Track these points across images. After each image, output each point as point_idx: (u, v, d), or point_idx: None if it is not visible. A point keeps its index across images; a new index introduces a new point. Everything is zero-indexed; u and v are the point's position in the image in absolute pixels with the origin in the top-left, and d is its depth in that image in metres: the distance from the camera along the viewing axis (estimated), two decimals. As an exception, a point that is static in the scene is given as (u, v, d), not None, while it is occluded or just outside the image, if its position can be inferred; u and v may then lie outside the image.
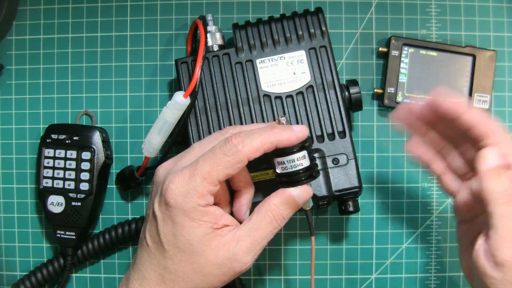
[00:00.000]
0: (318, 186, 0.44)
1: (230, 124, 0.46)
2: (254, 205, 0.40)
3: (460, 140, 0.41)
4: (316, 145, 0.45)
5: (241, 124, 0.46)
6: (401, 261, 0.52)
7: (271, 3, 0.53)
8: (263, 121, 0.46)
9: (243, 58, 0.47)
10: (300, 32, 0.47)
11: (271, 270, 0.53)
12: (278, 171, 0.38)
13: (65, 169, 0.49)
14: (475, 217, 0.40)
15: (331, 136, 0.46)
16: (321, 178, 0.44)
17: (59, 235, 0.49)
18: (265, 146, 0.37)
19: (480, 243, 0.36)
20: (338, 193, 0.44)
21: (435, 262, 0.52)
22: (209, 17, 0.49)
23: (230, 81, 0.47)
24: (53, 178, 0.49)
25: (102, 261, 0.53)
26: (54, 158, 0.49)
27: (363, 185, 0.45)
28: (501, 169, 0.36)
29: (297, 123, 0.46)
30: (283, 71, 0.47)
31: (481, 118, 0.38)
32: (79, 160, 0.49)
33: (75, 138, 0.50)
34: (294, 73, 0.47)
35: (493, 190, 0.35)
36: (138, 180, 0.51)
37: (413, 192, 0.52)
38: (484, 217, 0.37)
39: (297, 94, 0.46)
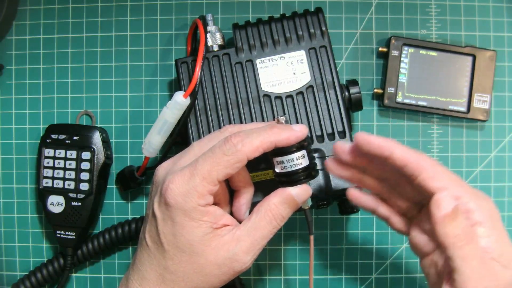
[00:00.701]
0: (318, 186, 0.44)
1: (230, 124, 0.46)
2: (253, 205, 0.40)
3: (394, 180, 0.39)
4: (316, 145, 0.45)
5: (241, 124, 0.46)
6: (401, 261, 0.52)
7: (271, 3, 0.53)
8: (263, 121, 0.46)
9: (243, 58, 0.47)
10: (300, 32, 0.47)
11: (271, 270, 0.53)
12: (277, 170, 0.38)
13: (65, 169, 0.49)
14: (434, 249, 0.39)
15: (331, 136, 0.46)
16: (321, 178, 0.44)
17: (59, 235, 0.49)
18: (265, 146, 0.36)
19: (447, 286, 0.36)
20: (338, 193, 0.44)
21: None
22: (209, 17, 0.49)
23: (230, 81, 0.47)
24: (53, 178, 0.49)
25: (102, 261, 0.53)
26: (54, 158, 0.49)
27: (363, 185, 0.45)
28: (456, 211, 0.35)
29: (297, 123, 0.46)
30: (283, 71, 0.47)
31: (411, 154, 0.36)
32: (79, 160, 0.49)
33: (75, 138, 0.50)
34: (294, 73, 0.47)
35: (451, 235, 0.34)
36: (138, 180, 0.51)
37: (413, 192, 0.52)
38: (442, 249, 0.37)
39: (297, 94, 0.46)
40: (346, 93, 0.47)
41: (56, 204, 0.49)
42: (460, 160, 0.52)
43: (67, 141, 0.50)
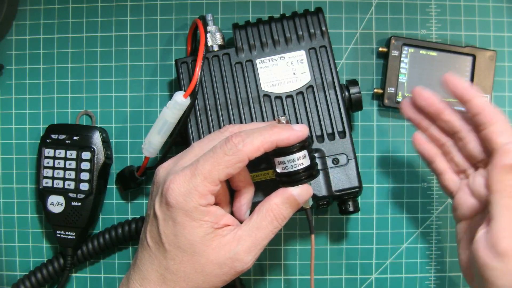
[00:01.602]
0: (318, 186, 0.44)
1: (230, 124, 0.46)
2: (254, 205, 0.40)
3: (460, 134, 0.41)
4: (316, 145, 0.45)
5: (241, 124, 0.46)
6: (401, 261, 0.52)
7: (271, 3, 0.53)
8: (263, 121, 0.46)
9: (243, 58, 0.47)
10: (300, 32, 0.47)
11: (271, 270, 0.53)
12: (278, 170, 0.38)
13: (65, 169, 0.49)
14: (474, 215, 0.40)
15: (331, 136, 0.46)
16: (321, 178, 0.44)
17: (59, 235, 0.49)
18: (266, 146, 0.37)
19: (481, 234, 0.37)
20: (338, 193, 0.44)
21: (435, 262, 0.52)
22: (209, 17, 0.49)
23: (230, 81, 0.47)
24: (53, 178, 0.49)
25: (102, 261, 0.53)
26: (54, 158, 0.49)
27: (363, 185, 0.45)
28: None
29: (297, 123, 0.46)
30: (283, 71, 0.47)
31: (489, 106, 0.39)
32: (79, 160, 0.49)
33: (75, 138, 0.50)
34: (294, 73, 0.47)
35: (504, 183, 0.36)
36: (138, 180, 0.51)
37: (413, 192, 0.52)
38: (482, 215, 0.38)
39: (297, 94, 0.46)
40: (346, 93, 0.47)
41: (56, 204, 0.49)
42: (460, 160, 0.52)
43: (67, 141, 0.50)
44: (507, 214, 0.35)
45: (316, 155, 0.44)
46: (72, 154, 0.49)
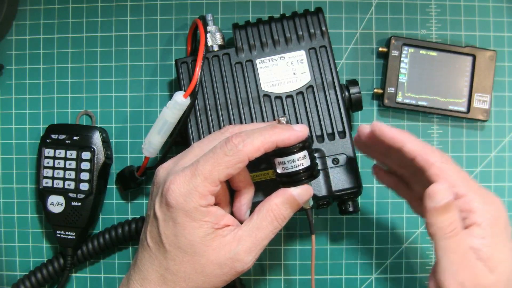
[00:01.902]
0: (318, 186, 0.44)
1: (230, 124, 0.46)
2: (254, 205, 0.40)
3: (413, 166, 0.40)
4: (316, 145, 0.45)
5: (241, 124, 0.46)
6: (401, 261, 0.52)
7: (271, 3, 0.53)
8: (263, 121, 0.46)
9: (243, 58, 0.47)
10: (300, 32, 0.47)
11: (271, 270, 0.53)
12: (278, 171, 0.38)
13: (65, 169, 0.49)
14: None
15: (331, 136, 0.46)
16: (321, 178, 0.44)
17: (59, 235, 0.49)
18: (266, 146, 0.37)
19: (430, 276, 0.38)
20: (338, 193, 0.44)
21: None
22: (209, 17, 0.49)
23: (230, 81, 0.47)
24: (53, 178, 0.49)
25: (102, 261, 0.53)
26: (54, 158, 0.49)
27: (363, 185, 0.45)
28: (449, 205, 0.36)
29: (297, 123, 0.46)
30: (283, 71, 0.47)
31: (422, 148, 0.38)
32: (79, 160, 0.49)
33: (75, 138, 0.50)
34: (294, 73, 0.47)
35: (438, 226, 0.36)
36: (138, 180, 0.51)
37: (413, 192, 0.52)
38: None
39: (297, 94, 0.46)
40: (346, 93, 0.47)
41: (56, 204, 0.49)
42: (460, 160, 0.52)
43: (67, 141, 0.50)
44: (447, 256, 0.36)
45: (316, 155, 0.44)
46: (72, 154, 0.49)
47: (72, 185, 0.49)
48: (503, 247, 0.36)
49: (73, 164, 0.49)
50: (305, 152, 0.38)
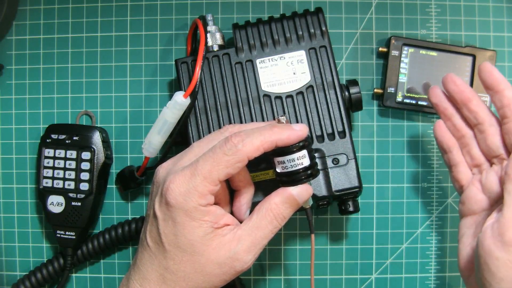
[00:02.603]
0: (318, 186, 0.44)
1: (230, 124, 0.46)
2: (254, 205, 0.40)
3: (482, 128, 0.42)
4: (316, 145, 0.45)
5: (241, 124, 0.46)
6: (401, 261, 0.52)
7: (271, 3, 0.53)
8: (263, 121, 0.46)
9: (243, 58, 0.47)
10: (300, 32, 0.47)
11: (271, 270, 0.53)
12: (278, 170, 0.38)
13: (65, 169, 0.49)
14: (481, 211, 0.41)
15: (331, 136, 0.46)
16: (321, 178, 0.44)
17: (59, 235, 0.49)
18: (266, 145, 0.37)
19: (489, 223, 0.37)
20: (338, 193, 0.44)
21: (435, 262, 0.52)
22: (209, 17, 0.49)
23: (230, 81, 0.47)
24: (53, 178, 0.49)
25: (102, 261, 0.53)
26: (54, 158, 0.49)
27: (363, 185, 0.45)
28: None
29: (297, 122, 0.46)
30: (283, 71, 0.47)
31: None
32: (79, 160, 0.49)
33: (75, 138, 0.50)
34: (294, 73, 0.47)
35: None
36: (138, 180, 0.51)
37: (413, 192, 0.52)
38: (489, 213, 0.39)
39: (297, 94, 0.46)
40: (346, 93, 0.47)
41: (56, 204, 0.49)
42: (460, 160, 0.52)
43: (67, 141, 0.50)
44: None
45: (316, 155, 0.44)
46: (72, 154, 0.49)
47: (72, 185, 0.49)
48: None
49: (73, 164, 0.49)
50: (304, 152, 0.38)
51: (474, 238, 0.40)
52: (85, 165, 0.49)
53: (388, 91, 0.51)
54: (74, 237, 0.49)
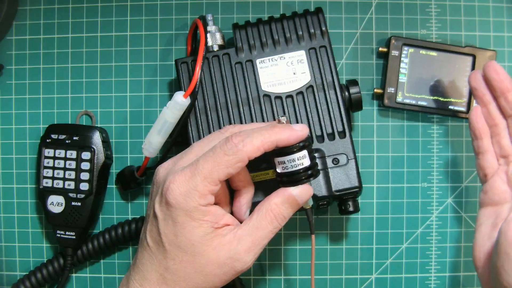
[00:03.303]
0: (318, 186, 0.44)
1: (230, 124, 0.46)
2: (254, 205, 0.40)
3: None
4: (316, 145, 0.45)
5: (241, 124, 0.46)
6: (401, 261, 0.52)
7: (271, 3, 0.53)
8: (263, 121, 0.46)
9: (243, 58, 0.47)
10: (300, 32, 0.47)
11: (271, 270, 0.53)
12: (278, 170, 0.38)
13: (65, 169, 0.49)
14: (503, 203, 0.41)
15: (331, 136, 0.46)
16: (321, 178, 0.44)
17: (59, 235, 0.49)
18: (266, 146, 0.37)
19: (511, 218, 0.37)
20: (338, 193, 0.44)
21: (435, 262, 0.52)
22: (209, 17, 0.49)
23: (230, 81, 0.47)
24: (53, 178, 0.49)
25: (102, 261, 0.53)
26: (54, 158, 0.49)
27: (363, 185, 0.45)
28: None
29: (297, 123, 0.46)
30: (283, 71, 0.47)
31: None
32: (79, 160, 0.49)
33: (75, 138, 0.50)
34: (294, 73, 0.47)
35: None
36: (138, 180, 0.51)
37: (413, 192, 0.52)
38: (511, 205, 0.39)
39: (297, 94, 0.46)
40: (346, 93, 0.47)
41: (56, 204, 0.49)
42: (460, 160, 0.52)
43: (67, 141, 0.50)
44: None
45: (316, 155, 0.44)
46: (72, 154, 0.49)
47: (72, 185, 0.49)
48: None
49: (73, 164, 0.49)
50: (305, 152, 0.38)
51: (493, 229, 0.40)
52: (85, 165, 0.49)
53: (388, 91, 0.51)
54: (74, 237, 0.49)
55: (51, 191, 0.49)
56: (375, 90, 0.52)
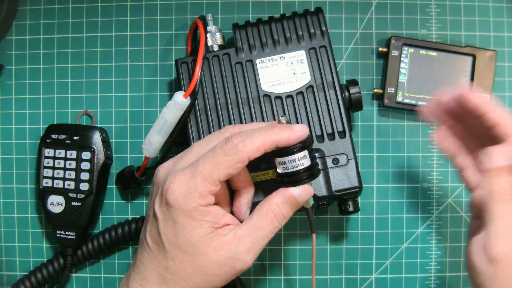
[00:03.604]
0: (318, 186, 0.44)
1: (230, 124, 0.46)
2: (254, 205, 0.40)
3: (485, 137, 0.41)
4: (316, 145, 0.45)
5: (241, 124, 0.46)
6: (401, 261, 0.52)
7: (271, 3, 0.53)
8: (263, 121, 0.46)
9: (243, 58, 0.47)
10: (300, 32, 0.47)
11: (271, 270, 0.53)
12: (279, 170, 0.38)
13: (65, 169, 0.49)
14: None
15: (331, 136, 0.46)
16: (321, 178, 0.44)
17: (59, 235, 0.49)
18: (266, 146, 0.37)
19: (475, 238, 0.37)
20: (338, 193, 0.44)
21: (435, 262, 0.52)
22: (209, 17, 0.49)
23: (230, 81, 0.47)
24: (53, 178, 0.49)
25: (102, 261, 0.53)
26: (54, 158, 0.49)
27: (363, 185, 0.45)
28: (505, 169, 0.36)
29: (297, 123, 0.46)
30: (283, 71, 0.47)
31: (505, 118, 0.38)
32: (79, 160, 0.49)
33: (75, 138, 0.50)
34: (294, 73, 0.47)
35: (492, 188, 0.36)
36: (138, 180, 0.51)
37: (413, 192, 0.52)
38: None
39: (297, 94, 0.46)
40: (346, 93, 0.47)
41: (56, 204, 0.49)
42: (460, 160, 0.52)
43: (67, 141, 0.50)
44: (498, 221, 0.36)
45: (316, 155, 0.44)
46: (72, 154, 0.49)
47: (72, 185, 0.49)
48: None
49: (73, 164, 0.49)
50: (305, 152, 0.38)
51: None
52: (85, 165, 0.49)
53: (388, 91, 0.51)
54: (74, 237, 0.49)
55: (51, 191, 0.49)
56: (375, 90, 0.52)
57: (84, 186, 0.49)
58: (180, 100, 0.45)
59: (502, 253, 0.35)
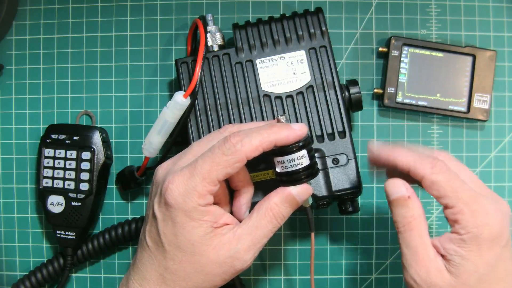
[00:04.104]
0: (318, 186, 0.44)
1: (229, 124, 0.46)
2: (253, 205, 0.40)
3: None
4: (316, 145, 0.45)
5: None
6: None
7: (271, 3, 0.53)
8: (263, 121, 0.46)
9: (243, 58, 0.47)
10: (300, 32, 0.47)
11: (271, 270, 0.53)
12: (278, 170, 0.38)
13: (65, 169, 0.49)
14: None
15: (331, 136, 0.46)
16: (321, 178, 0.44)
17: (59, 235, 0.49)
18: (264, 145, 0.37)
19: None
20: (338, 193, 0.44)
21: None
22: (209, 17, 0.49)
23: (230, 81, 0.47)
24: (53, 178, 0.49)
25: (102, 261, 0.53)
26: (54, 158, 0.49)
27: (363, 185, 0.45)
28: (404, 199, 0.37)
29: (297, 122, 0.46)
30: (283, 71, 0.47)
31: (412, 161, 0.38)
32: (79, 160, 0.49)
33: (75, 138, 0.50)
34: (294, 73, 0.47)
35: (395, 218, 0.38)
36: (138, 180, 0.51)
37: (413, 192, 0.52)
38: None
39: (297, 94, 0.46)
40: (346, 93, 0.47)
41: (56, 204, 0.49)
42: (460, 160, 0.52)
43: (67, 141, 0.50)
44: (402, 248, 0.38)
45: (316, 155, 0.44)
46: (72, 154, 0.49)
47: (72, 185, 0.49)
48: (478, 260, 0.36)
49: (73, 164, 0.49)
50: (304, 151, 0.38)
51: None
52: (85, 165, 0.49)
53: (388, 91, 0.51)
54: (74, 237, 0.49)
55: (51, 191, 0.49)
56: (375, 90, 0.52)
57: (84, 186, 0.49)
58: (180, 100, 0.45)
59: (409, 280, 0.37)
